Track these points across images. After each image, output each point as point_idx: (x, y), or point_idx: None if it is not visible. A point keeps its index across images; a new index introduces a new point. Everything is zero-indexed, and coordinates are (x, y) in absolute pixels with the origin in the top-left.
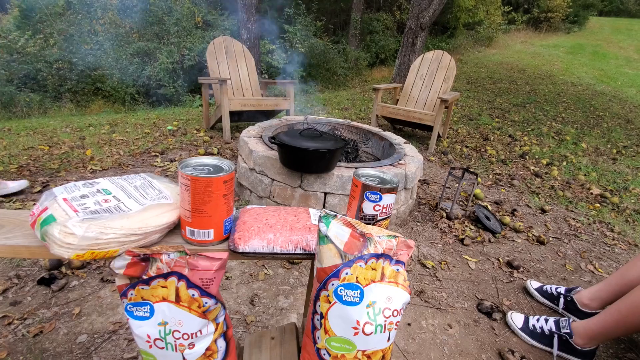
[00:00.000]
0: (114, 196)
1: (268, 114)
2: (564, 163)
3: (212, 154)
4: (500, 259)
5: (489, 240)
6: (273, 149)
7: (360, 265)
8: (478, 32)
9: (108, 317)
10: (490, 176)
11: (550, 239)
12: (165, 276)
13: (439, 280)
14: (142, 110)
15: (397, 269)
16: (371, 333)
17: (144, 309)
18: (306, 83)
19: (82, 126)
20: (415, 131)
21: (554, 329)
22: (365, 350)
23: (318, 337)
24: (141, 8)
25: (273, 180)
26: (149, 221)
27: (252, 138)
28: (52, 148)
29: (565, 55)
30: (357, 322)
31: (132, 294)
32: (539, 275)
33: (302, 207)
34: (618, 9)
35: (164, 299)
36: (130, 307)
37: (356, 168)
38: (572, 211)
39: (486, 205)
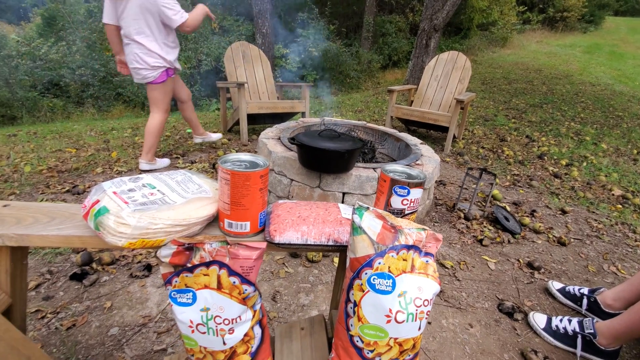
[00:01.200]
0: (158, 190)
1: (283, 117)
2: (584, 164)
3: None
4: (521, 260)
5: (509, 241)
6: (291, 150)
7: (392, 256)
8: (492, 33)
9: (138, 311)
10: (508, 177)
11: (572, 240)
12: (208, 264)
13: (458, 280)
14: None
15: (427, 261)
16: (403, 321)
17: (187, 295)
18: (319, 86)
19: (105, 130)
20: (430, 132)
21: (577, 329)
22: (397, 338)
23: (351, 325)
24: None
25: (292, 180)
26: (192, 213)
27: (270, 139)
28: (79, 150)
29: (582, 55)
30: (390, 310)
31: (176, 281)
32: (561, 276)
33: (331, 202)
34: (634, 8)
35: (206, 286)
36: (174, 294)
37: (374, 168)
38: (594, 212)
39: (505, 206)
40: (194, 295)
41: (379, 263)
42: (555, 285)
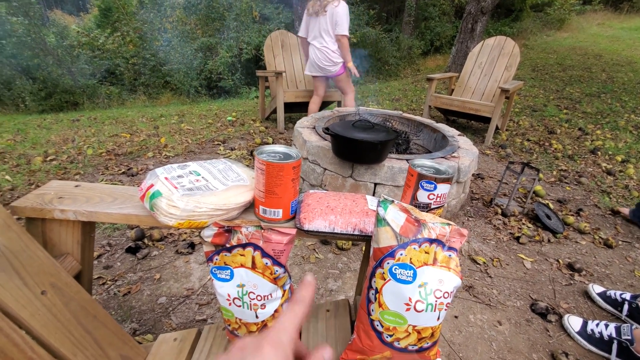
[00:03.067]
0: (202, 177)
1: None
2: None
3: (267, 144)
4: (561, 261)
5: (549, 240)
6: (326, 140)
7: (414, 248)
8: (547, 14)
9: (182, 284)
10: (554, 172)
11: (620, 242)
12: (244, 246)
13: (489, 276)
14: (205, 102)
15: (450, 255)
16: (422, 310)
17: (226, 272)
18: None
19: (155, 116)
20: (470, 123)
21: (614, 335)
22: (415, 326)
23: (372, 310)
24: (205, 5)
25: (325, 169)
26: (231, 199)
27: (305, 129)
28: (132, 135)
29: None
30: (410, 299)
31: (216, 259)
32: (604, 280)
33: (359, 193)
34: None
35: (242, 265)
36: (215, 270)
37: (407, 160)
38: None
39: (547, 203)
40: (231, 272)
41: (401, 254)
42: (595, 289)
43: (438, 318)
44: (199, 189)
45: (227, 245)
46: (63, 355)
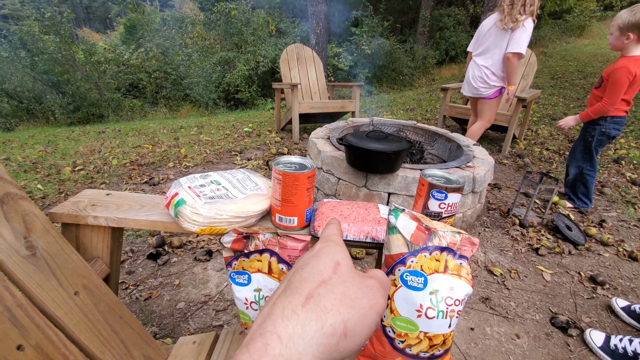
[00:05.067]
0: (223, 186)
1: (334, 116)
2: None
3: (283, 154)
4: (582, 273)
5: (570, 252)
6: (340, 150)
7: (425, 256)
8: (567, 21)
9: (200, 290)
10: None
11: None
12: (261, 252)
13: (507, 288)
14: (222, 113)
15: (461, 263)
16: (433, 317)
17: (244, 277)
18: (371, 84)
19: (175, 128)
20: (487, 132)
21: (638, 350)
22: (427, 333)
23: (384, 316)
24: (224, 21)
25: (339, 179)
26: (249, 207)
27: (320, 139)
28: (154, 147)
29: None
30: (420, 305)
31: (235, 264)
32: (628, 294)
33: (372, 202)
34: None
35: (259, 270)
36: (233, 275)
37: (421, 170)
38: None
39: (568, 214)
40: (249, 277)
41: (412, 261)
42: (619, 303)
43: (449, 325)
44: (220, 198)
45: (245, 251)
46: (92, 353)
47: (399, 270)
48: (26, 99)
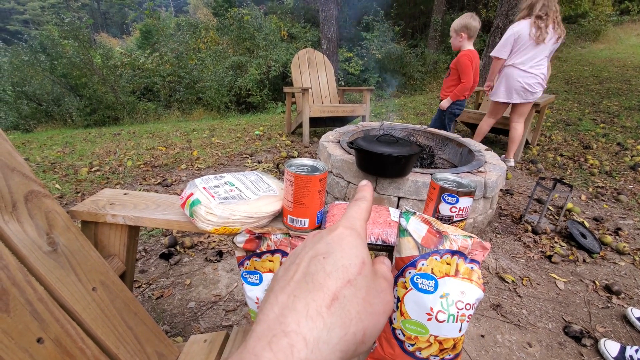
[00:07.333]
0: (236, 187)
1: (344, 120)
2: None
3: (293, 157)
4: (597, 282)
5: (584, 260)
6: (350, 154)
7: (436, 259)
8: (582, 26)
9: (211, 290)
10: (590, 189)
11: None
12: (273, 252)
13: (519, 296)
14: (234, 117)
15: (472, 267)
16: (444, 321)
17: (255, 277)
18: (382, 88)
19: (188, 131)
20: (499, 137)
21: None
22: (437, 336)
23: (394, 318)
24: (236, 26)
25: (349, 182)
26: (262, 208)
27: (330, 143)
28: (167, 149)
29: None
30: (431, 308)
31: (247, 264)
32: None
33: (382, 205)
34: None
35: (271, 270)
36: (245, 274)
37: (431, 174)
38: None
39: (582, 222)
40: (260, 277)
41: (422, 264)
42: (635, 313)
43: (460, 329)
44: (234, 198)
45: (257, 251)
46: (108, 348)
47: (410, 272)
48: (45, 101)
